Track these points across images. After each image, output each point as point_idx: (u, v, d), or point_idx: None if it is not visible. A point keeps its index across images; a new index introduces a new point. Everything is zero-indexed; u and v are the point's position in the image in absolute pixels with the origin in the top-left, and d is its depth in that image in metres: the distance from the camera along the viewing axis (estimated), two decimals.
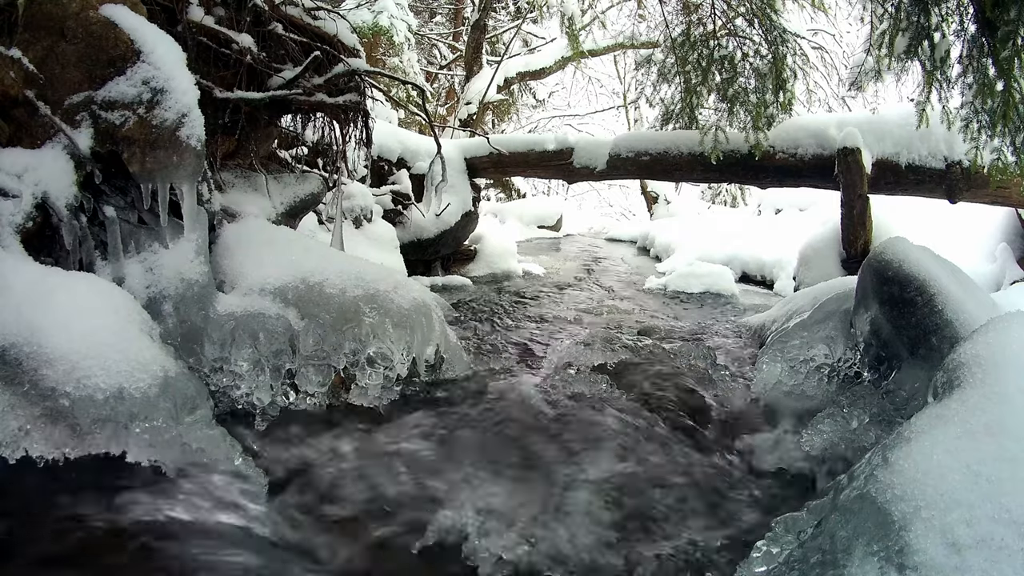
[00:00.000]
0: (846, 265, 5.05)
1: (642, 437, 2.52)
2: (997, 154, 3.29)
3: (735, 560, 1.76)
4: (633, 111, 16.44)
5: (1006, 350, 1.67)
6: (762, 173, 5.55)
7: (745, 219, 10.35)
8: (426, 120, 4.39)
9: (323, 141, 3.58)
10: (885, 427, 2.42)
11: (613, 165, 6.15)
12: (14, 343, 1.86)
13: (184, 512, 1.81)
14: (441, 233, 6.20)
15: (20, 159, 2.23)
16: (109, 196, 2.43)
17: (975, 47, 2.98)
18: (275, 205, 3.25)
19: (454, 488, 2.13)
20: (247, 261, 2.70)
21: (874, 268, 2.76)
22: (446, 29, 15.47)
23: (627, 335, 3.99)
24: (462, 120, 10.83)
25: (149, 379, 1.98)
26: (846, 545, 1.33)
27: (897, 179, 5.11)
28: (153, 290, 2.38)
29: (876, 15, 3.58)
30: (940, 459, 1.37)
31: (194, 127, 2.39)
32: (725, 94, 4.89)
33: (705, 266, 6.81)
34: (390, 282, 2.76)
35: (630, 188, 20.60)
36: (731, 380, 3.21)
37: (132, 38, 2.37)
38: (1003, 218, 5.81)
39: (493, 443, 2.44)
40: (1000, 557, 1.16)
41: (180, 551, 1.68)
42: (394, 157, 6.29)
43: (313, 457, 2.24)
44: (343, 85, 3.34)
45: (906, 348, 2.58)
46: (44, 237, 2.27)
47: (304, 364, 2.49)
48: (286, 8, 3.31)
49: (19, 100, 2.24)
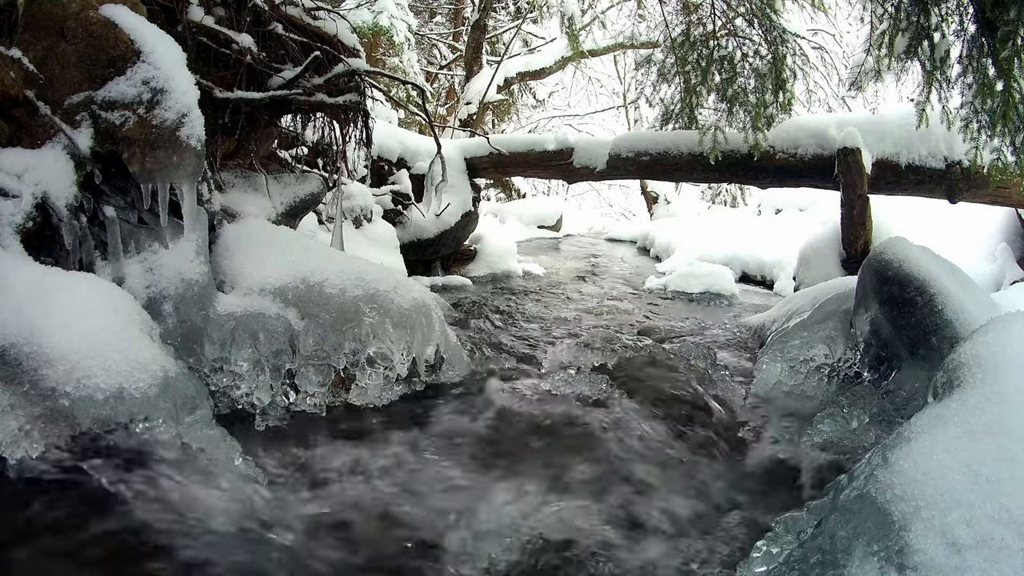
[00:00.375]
0: (846, 265, 5.05)
1: (642, 437, 2.52)
2: (997, 154, 3.29)
3: (735, 560, 1.76)
4: (633, 111, 16.44)
5: (1006, 350, 1.67)
6: (762, 173, 5.55)
7: (745, 219, 10.35)
8: (426, 120, 4.39)
9: (323, 141, 3.58)
10: (885, 427, 2.42)
11: (613, 165, 6.15)
12: (14, 343, 1.86)
13: (184, 512, 1.81)
14: (441, 233, 6.20)
15: (20, 159, 2.23)
16: (109, 196, 2.43)
17: (975, 47, 2.98)
18: (275, 205, 3.25)
19: (454, 488, 2.13)
20: (247, 261, 2.70)
21: (874, 268, 2.77)
22: (446, 29, 15.47)
23: (627, 335, 3.99)
24: (462, 120, 10.83)
25: (149, 379, 1.98)
26: (846, 545, 1.33)
27: (897, 179, 5.11)
28: (153, 290, 2.38)
29: (876, 15, 3.58)
30: (940, 459, 1.37)
31: (194, 127, 2.39)
32: (725, 94, 4.88)
33: (705, 266, 6.81)
34: (390, 282, 2.76)
35: (630, 188, 20.60)
36: (731, 380, 3.21)
37: (132, 38, 2.37)
38: (1003, 218, 5.81)
39: (493, 443, 2.44)
40: (1000, 557, 1.16)
41: (180, 551, 1.68)
42: (394, 157, 6.29)
43: (313, 457, 2.24)
44: (343, 85, 3.34)
45: (906, 348, 2.59)
46: (44, 237, 2.27)
47: (304, 364, 2.49)
48: (286, 8, 3.31)
49: (19, 100, 2.24)
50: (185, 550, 1.69)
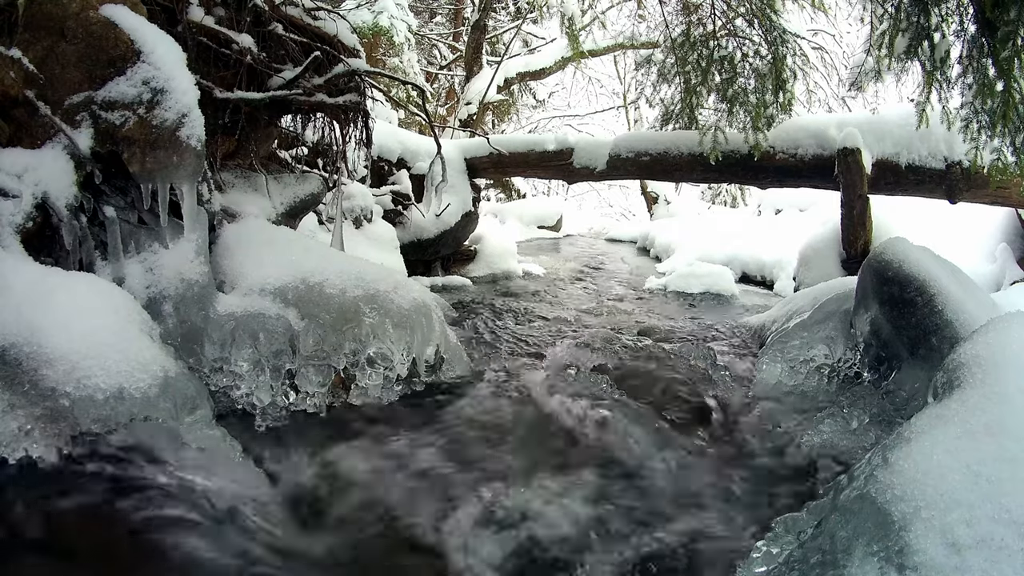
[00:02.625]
0: (846, 265, 5.05)
1: (642, 438, 2.52)
2: (997, 154, 3.29)
3: (735, 560, 1.76)
4: (633, 111, 16.44)
5: (1006, 350, 1.67)
6: (762, 173, 5.55)
7: (745, 219, 10.35)
8: (426, 120, 4.39)
9: (323, 141, 3.58)
10: (885, 427, 2.42)
11: (613, 165, 6.15)
12: (14, 343, 1.86)
13: (184, 512, 1.81)
14: (441, 233, 6.20)
15: (20, 159, 2.23)
16: (109, 196, 2.43)
17: (975, 47, 2.98)
18: (275, 205, 3.25)
19: (454, 488, 2.13)
20: (247, 261, 2.70)
21: (874, 268, 2.77)
22: (446, 29, 15.47)
23: (627, 335, 3.99)
24: (462, 120, 10.82)
25: (149, 379, 1.98)
26: (846, 545, 1.33)
27: (897, 179, 5.11)
28: (153, 290, 2.38)
29: (876, 15, 3.58)
30: (940, 459, 1.37)
31: (194, 127, 2.39)
32: (725, 94, 4.88)
33: (705, 266, 6.80)
34: (390, 282, 2.76)
35: (630, 188, 20.60)
36: (731, 380, 3.21)
37: (132, 38, 2.37)
38: (1003, 218, 5.81)
39: (493, 443, 2.44)
40: (1000, 557, 1.16)
41: (179, 551, 1.68)
42: (394, 157, 6.29)
43: (313, 458, 2.24)
44: (343, 85, 3.34)
45: (906, 348, 2.59)
46: (44, 237, 2.27)
47: (304, 364, 2.49)
48: (286, 8, 3.31)
49: (19, 100, 2.24)
50: (185, 550, 1.69)
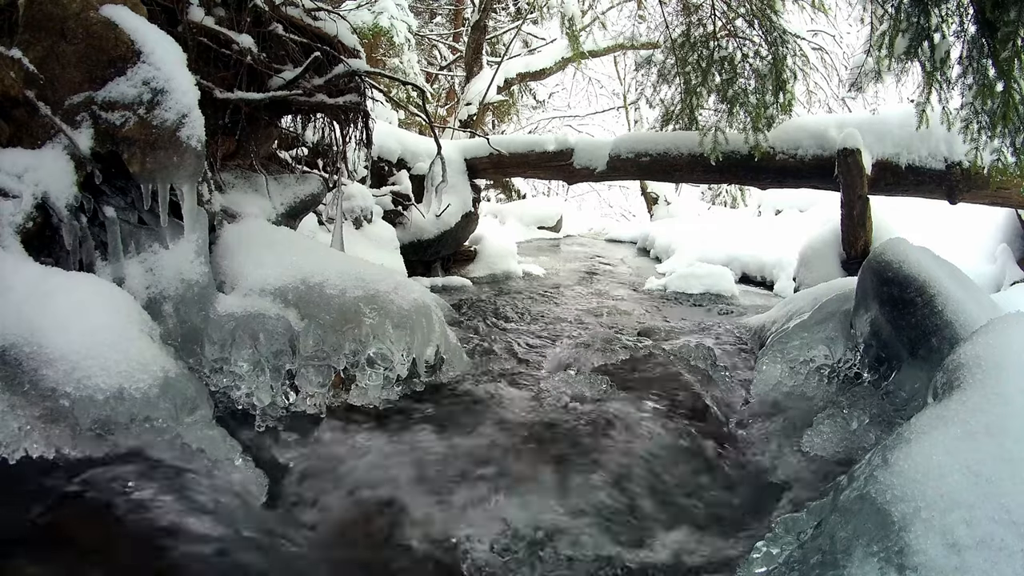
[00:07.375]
0: (846, 266, 5.05)
1: (642, 438, 2.52)
2: (997, 155, 3.29)
3: (735, 560, 1.76)
4: (633, 112, 16.43)
5: (1006, 351, 1.67)
6: (762, 174, 5.55)
7: (745, 220, 10.36)
8: (426, 121, 4.39)
9: (323, 142, 3.59)
10: (885, 428, 2.42)
11: (613, 166, 6.15)
12: (14, 343, 1.86)
13: (184, 512, 1.81)
14: (441, 234, 6.20)
15: (20, 159, 2.23)
16: (109, 196, 2.43)
17: (975, 48, 2.98)
18: (275, 206, 3.25)
19: (454, 489, 2.13)
20: (247, 262, 2.70)
21: (874, 269, 2.76)
22: (446, 30, 15.47)
23: (627, 336, 3.99)
24: (462, 121, 10.82)
25: (149, 379, 1.98)
26: (846, 546, 1.33)
27: (897, 180, 5.11)
28: (153, 290, 2.38)
29: (876, 16, 3.58)
30: (940, 460, 1.37)
31: (194, 127, 2.39)
32: (725, 95, 4.89)
33: (705, 267, 6.80)
34: (390, 283, 2.76)
35: (630, 189, 20.59)
36: (731, 381, 3.21)
37: (132, 38, 2.37)
38: (1003, 219, 5.81)
39: (493, 444, 2.44)
40: (1000, 557, 1.16)
41: (180, 551, 1.68)
42: (394, 158, 6.29)
43: (313, 458, 2.24)
44: (343, 86, 3.34)
45: (906, 349, 2.58)
46: (44, 237, 2.27)
47: (304, 365, 2.49)
48: (286, 9, 3.32)
49: (19, 100, 2.24)
50: (184, 550, 1.69)
